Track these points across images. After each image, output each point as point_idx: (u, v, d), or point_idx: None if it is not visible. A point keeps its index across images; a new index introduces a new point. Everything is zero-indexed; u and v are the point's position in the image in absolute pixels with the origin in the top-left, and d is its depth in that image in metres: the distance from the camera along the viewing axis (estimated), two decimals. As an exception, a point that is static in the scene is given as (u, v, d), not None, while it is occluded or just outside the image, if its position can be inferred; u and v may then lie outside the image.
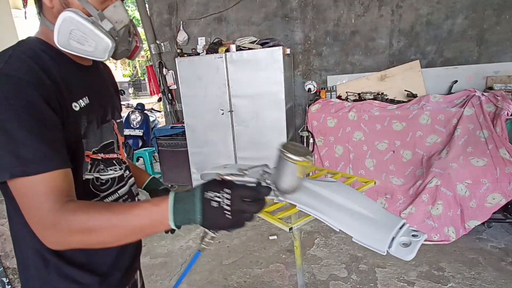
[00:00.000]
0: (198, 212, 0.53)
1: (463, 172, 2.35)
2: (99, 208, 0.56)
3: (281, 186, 0.59)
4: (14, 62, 0.58)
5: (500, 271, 2.07)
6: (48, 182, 0.55)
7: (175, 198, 0.54)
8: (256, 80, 3.21)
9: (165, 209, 0.54)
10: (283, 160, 0.57)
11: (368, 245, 0.67)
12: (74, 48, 0.63)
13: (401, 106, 2.85)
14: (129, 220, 0.54)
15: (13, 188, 0.55)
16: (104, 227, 0.54)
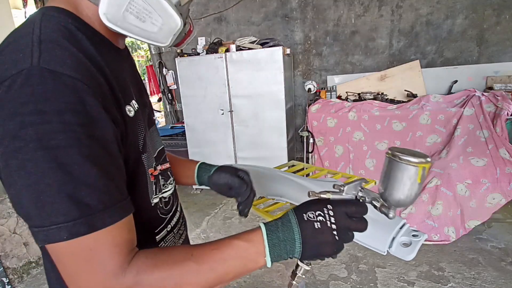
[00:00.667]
0: (297, 238, 0.45)
1: (463, 172, 2.35)
2: (179, 257, 0.43)
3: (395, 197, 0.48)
4: (53, 50, 0.39)
5: (500, 271, 2.07)
6: (114, 235, 0.40)
7: (267, 227, 0.46)
8: (256, 80, 3.21)
9: (259, 243, 0.45)
10: (399, 165, 0.46)
11: (368, 245, 0.67)
12: (128, 26, 0.44)
13: (401, 106, 2.85)
14: (219, 267, 0.44)
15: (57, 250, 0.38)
16: (190, 282, 0.42)
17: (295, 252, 0.45)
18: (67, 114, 0.37)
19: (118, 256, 0.40)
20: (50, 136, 0.36)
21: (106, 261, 0.39)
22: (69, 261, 0.39)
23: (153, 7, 0.44)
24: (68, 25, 0.43)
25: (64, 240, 0.37)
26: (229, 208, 3.30)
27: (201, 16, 4.10)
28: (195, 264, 0.43)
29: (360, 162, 2.97)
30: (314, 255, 0.46)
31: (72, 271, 0.39)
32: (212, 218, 3.13)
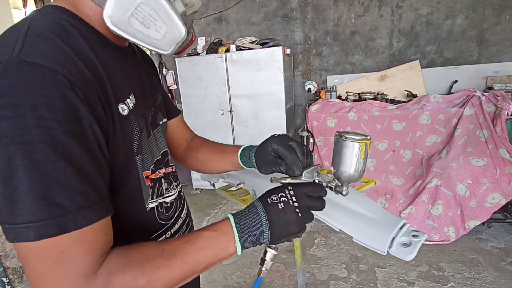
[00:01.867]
0: (264, 220, 0.46)
1: (463, 172, 2.35)
2: (150, 254, 0.43)
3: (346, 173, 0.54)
4: (37, 43, 0.38)
5: (500, 271, 2.07)
6: (88, 238, 0.38)
7: (234, 216, 0.48)
8: (256, 80, 3.21)
9: (229, 231, 0.46)
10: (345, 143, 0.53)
11: (368, 245, 0.67)
12: (132, 31, 0.44)
13: (401, 106, 2.85)
14: (191, 259, 0.44)
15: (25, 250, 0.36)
16: (163, 278, 0.42)
17: (263, 235, 0.47)
18: (43, 109, 0.35)
19: (91, 259, 0.38)
20: (23, 131, 0.34)
21: (77, 264, 0.37)
22: (36, 263, 0.36)
23: (159, 14, 0.44)
24: (61, 21, 0.43)
25: (31, 241, 0.35)
26: (229, 208, 3.30)
27: (201, 16, 4.10)
28: (166, 260, 0.43)
29: (360, 162, 2.97)
30: (281, 236, 0.48)
31: (39, 274, 0.36)
32: (212, 218, 3.13)
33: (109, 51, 0.49)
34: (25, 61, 0.35)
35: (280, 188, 0.50)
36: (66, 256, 0.36)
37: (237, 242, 0.46)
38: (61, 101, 0.36)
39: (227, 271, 2.29)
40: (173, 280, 0.43)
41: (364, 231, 0.68)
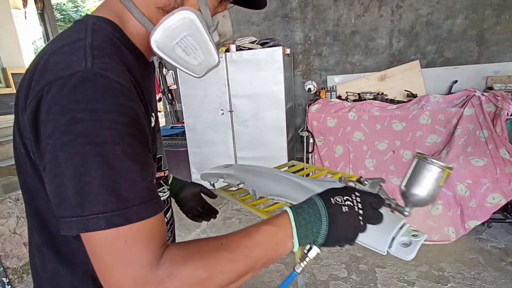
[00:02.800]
0: (324, 219, 0.47)
1: (463, 172, 2.35)
2: (210, 247, 0.44)
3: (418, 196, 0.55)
4: (103, 58, 0.43)
5: (500, 271, 2.07)
6: (151, 229, 0.41)
7: (293, 210, 0.48)
8: (256, 80, 3.21)
9: (287, 226, 0.47)
10: (429, 166, 0.53)
11: (368, 245, 0.67)
12: (174, 56, 0.50)
13: (401, 106, 2.85)
14: (251, 253, 0.45)
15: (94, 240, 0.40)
16: (223, 271, 0.43)
17: (320, 233, 0.47)
18: (114, 114, 0.40)
19: (153, 248, 0.41)
20: (97, 133, 0.38)
21: (141, 253, 0.40)
22: (104, 252, 0.39)
23: (200, 45, 0.51)
24: (113, 37, 0.48)
25: (101, 229, 0.38)
26: (229, 208, 3.30)
27: (201, 16, 4.10)
28: (227, 252, 0.43)
29: (360, 162, 2.97)
30: (338, 239, 0.48)
31: (106, 262, 0.40)
32: (212, 218, 3.13)
33: (143, 66, 0.54)
34: (99, 73, 0.41)
35: (346, 190, 0.51)
36: (130, 245, 0.39)
37: (294, 238, 0.46)
38: (127, 109, 0.42)
39: (227, 271, 2.29)
40: (234, 275, 0.44)
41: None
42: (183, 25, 0.48)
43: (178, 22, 0.47)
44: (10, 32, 3.24)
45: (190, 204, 0.91)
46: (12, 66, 3.05)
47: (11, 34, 3.25)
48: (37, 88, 0.41)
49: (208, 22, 0.52)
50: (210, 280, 0.42)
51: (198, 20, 0.48)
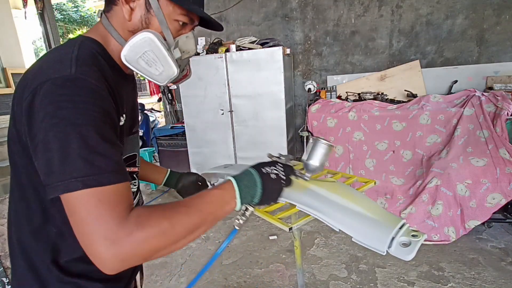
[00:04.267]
0: (259, 185, 0.63)
1: (463, 172, 2.35)
2: (171, 205, 0.56)
3: (312, 165, 0.78)
4: (83, 66, 0.55)
5: (500, 271, 2.07)
6: (119, 193, 0.52)
7: (235, 177, 0.63)
8: (256, 80, 3.21)
9: (231, 189, 0.62)
10: (319, 143, 0.78)
11: (367, 245, 0.67)
12: (139, 67, 0.63)
13: (401, 106, 2.85)
14: (204, 208, 0.58)
15: (73, 199, 0.49)
16: (182, 222, 0.54)
17: (256, 195, 0.63)
18: (90, 104, 0.52)
19: (121, 207, 0.51)
20: (77, 117, 0.50)
21: (112, 210, 0.49)
22: (81, 208, 0.49)
23: (159, 59, 0.63)
24: (96, 53, 0.62)
25: (79, 189, 0.48)
26: (229, 208, 3.30)
27: (201, 16, 4.10)
28: (184, 208, 0.56)
29: (360, 162, 2.97)
30: (268, 199, 0.66)
31: (82, 217, 0.49)
32: (212, 218, 3.13)
33: (120, 76, 0.68)
34: (80, 77, 0.54)
35: (271, 163, 0.69)
36: (103, 203, 0.49)
37: (237, 198, 0.61)
38: (101, 102, 0.54)
39: (227, 271, 2.29)
40: (190, 225, 0.55)
41: (364, 231, 0.68)
42: (144, 43, 0.61)
43: (140, 41, 0.61)
44: (10, 32, 3.24)
45: (189, 192, 1.00)
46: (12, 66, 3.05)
47: (11, 34, 3.25)
48: (32, 86, 0.53)
49: (169, 41, 0.65)
50: (171, 229, 0.52)
51: (156, 39, 0.61)
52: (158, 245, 0.51)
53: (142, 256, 0.51)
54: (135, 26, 0.63)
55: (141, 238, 0.49)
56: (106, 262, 0.49)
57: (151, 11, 0.62)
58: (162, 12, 0.62)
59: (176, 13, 0.64)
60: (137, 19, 0.63)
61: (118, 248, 0.48)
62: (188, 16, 0.67)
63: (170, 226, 0.52)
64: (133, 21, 0.63)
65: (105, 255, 0.48)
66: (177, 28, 0.66)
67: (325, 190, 0.87)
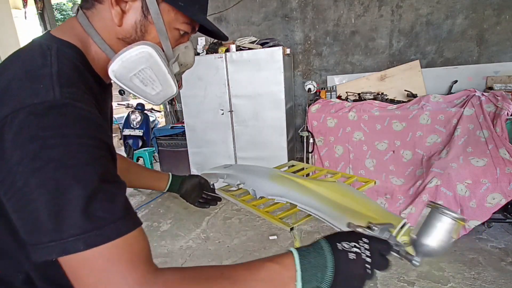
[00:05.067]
0: (330, 265, 0.46)
1: (463, 172, 2.35)
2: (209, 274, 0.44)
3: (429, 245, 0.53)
4: (71, 87, 0.44)
5: (500, 271, 2.07)
6: (131, 244, 0.41)
7: (299, 252, 0.47)
8: (256, 80, 3.21)
9: (291, 266, 0.46)
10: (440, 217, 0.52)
11: None
12: (131, 85, 0.52)
13: (401, 106, 2.85)
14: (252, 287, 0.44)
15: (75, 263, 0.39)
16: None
17: (325, 279, 0.45)
18: (85, 138, 0.41)
19: (138, 266, 0.40)
20: (69, 156, 0.39)
21: (126, 272, 0.39)
22: (87, 274, 0.39)
23: (158, 77, 0.53)
24: (77, 63, 0.49)
25: (81, 251, 0.38)
26: (229, 208, 3.30)
27: (201, 16, 4.10)
28: (227, 282, 0.42)
29: (360, 162, 2.97)
30: (343, 286, 0.46)
31: (90, 285, 0.39)
32: (212, 218, 3.13)
33: (102, 89, 0.57)
34: (69, 103, 0.42)
35: (354, 235, 0.50)
36: (113, 264, 0.39)
37: (298, 281, 0.45)
38: (96, 133, 0.43)
39: (227, 271, 2.29)
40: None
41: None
42: (141, 59, 0.50)
43: (137, 56, 0.50)
44: (10, 32, 3.24)
45: (194, 195, 0.97)
46: (12, 66, 3.05)
47: (11, 34, 3.25)
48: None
49: (169, 54, 0.55)
50: None
51: (156, 54, 0.51)
52: None
53: None
54: (127, 33, 0.52)
55: None
56: None
57: (149, 17, 0.51)
58: (162, 19, 0.51)
59: (178, 22, 0.53)
60: (130, 25, 0.51)
61: None
62: (191, 25, 0.56)
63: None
64: (124, 27, 0.51)
65: None
66: (177, 37, 0.56)
67: (326, 190, 0.87)
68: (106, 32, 0.52)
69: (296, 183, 0.97)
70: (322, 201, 0.83)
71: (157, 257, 2.55)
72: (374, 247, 0.49)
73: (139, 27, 0.51)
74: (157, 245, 2.73)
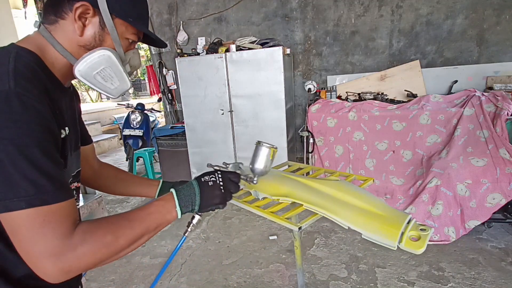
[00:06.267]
0: (197, 193, 0.68)
1: (463, 172, 2.35)
2: (114, 219, 0.59)
3: (257, 168, 0.82)
4: (24, 81, 0.54)
5: (500, 271, 2.07)
6: (64, 210, 0.53)
7: (175, 189, 0.68)
8: (256, 80, 3.21)
9: (171, 199, 0.66)
10: (261, 148, 0.81)
11: (378, 241, 0.68)
12: (94, 82, 0.66)
13: (401, 106, 2.85)
14: (146, 220, 0.62)
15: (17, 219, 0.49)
16: (125, 235, 0.58)
17: (195, 203, 0.68)
18: (32, 123, 0.51)
19: (66, 224, 0.52)
20: (19, 137, 0.50)
21: (56, 228, 0.51)
22: (26, 228, 0.50)
23: (116, 74, 0.67)
24: (34, 65, 0.59)
25: (22, 209, 0.49)
26: (229, 208, 3.30)
27: (201, 16, 4.10)
28: (127, 221, 0.59)
29: (360, 162, 2.97)
30: (208, 205, 0.70)
31: (27, 236, 0.50)
32: (212, 218, 3.13)
33: (58, 89, 0.66)
34: (21, 93, 0.52)
35: (212, 172, 0.73)
36: (48, 222, 0.51)
37: (177, 207, 0.66)
38: (43, 120, 0.53)
39: (227, 271, 2.29)
40: (134, 237, 0.59)
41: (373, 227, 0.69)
42: (102, 60, 0.64)
43: (99, 58, 0.63)
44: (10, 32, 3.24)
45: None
46: (12, 66, 3.05)
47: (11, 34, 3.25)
48: None
49: (122, 57, 0.69)
50: (115, 242, 0.56)
51: (114, 56, 0.65)
52: (101, 258, 0.55)
53: (86, 268, 0.54)
54: (87, 42, 0.64)
55: (85, 253, 0.53)
56: (51, 276, 0.51)
57: (105, 29, 0.64)
58: (116, 31, 0.65)
59: (128, 32, 0.68)
60: (90, 35, 0.64)
61: (63, 263, 0.51)
62: (137, 35, 0.71)
63: (114, 239, 0.56)
64: (85, 37, 0.64)
65: (51, 270, 0.51)
66: (127, 44, 0.70)
67: (331, 189, 0.87)
68: (68, 41, 0.64)
69: (299, 183, 0.97)
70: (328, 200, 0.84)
71: (157, 257, 2.55)
72: (225, 176, 0.73)
73: (97, 36, 0.65)
74: (157, 245, 2.73)
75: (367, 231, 0.70)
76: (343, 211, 0.77)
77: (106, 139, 6.66)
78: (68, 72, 0.66)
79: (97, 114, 7.54)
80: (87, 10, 0.62)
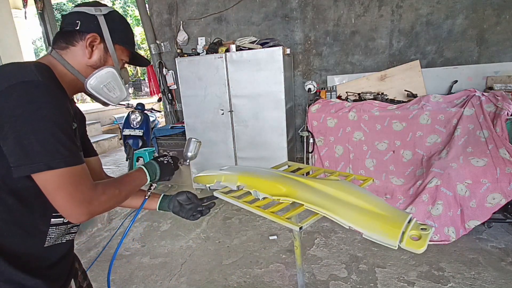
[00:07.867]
0: (157, 168, 0.98)
1: (463, 172, 2.35)
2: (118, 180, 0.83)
3: (188, 154, 1.16)
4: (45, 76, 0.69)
5: (500, 271, 2.07)
6: (86, 170, 0.72)
7: (145, 166, 0.96)
8: (256, 80, 3.21)
9: (143, 171, 0.94)
10: (190, 139, 1.17)
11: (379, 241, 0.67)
12: (101, 92, 0.86)
13: (401, 106, 2.85)
14: (131, 182, 0.88)
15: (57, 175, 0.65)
16: (124, 190, 0.83)
17: (157, 174, 0.97)
18: (60, 108, 0.68)
19: (90, 179, 0.72)
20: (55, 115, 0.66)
21: (87, 182, 0.71)
22: (68, 182, 0.67)
23: (117, 86, 0.88)
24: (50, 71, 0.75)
25: (61, 167, 0.65)
26: (229, 208, 3.30)
27: (201, 16, 4.10)
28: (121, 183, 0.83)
29: (360, 162, 2.97)
30: (165, 174, 1.00)
31: (65, 188, 0.66)
32: (212, 218, 3.13)
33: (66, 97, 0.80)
34: (47, 83, 0.68)
35: (164, 155, 1.06)
36: (80, 177, 0.69)
37: (147, 176, 0.94)
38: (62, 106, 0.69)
39: (227, 271, 2.29)
40: (127, 192, 0.85)
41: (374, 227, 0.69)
42: (108, 75, 0.85)
43: (106, 74, 0.84)
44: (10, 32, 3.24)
45: (185, 211, 1.14)
46: (12, 66, 3.05)
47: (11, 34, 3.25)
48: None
49: (119, 74, 0.88)
50: (119, 194, 0.80)
51: (116, 72, 0.86)
52: (111, 205, 0.78)
53: (103, 211, 0.75)
54: (94, 63, 0.83)
55: (105, 200, 0.74)
56: (82, 218, 0.69)
57: (108, 52, 0.84)
58: (115, 54, 0.86)
59: (124, 55, 0.89)
60: (97, 58, 0.83)
61: (93, 206, 0.71)
62: (129, 57, 0.93)
63: (119, 192, 0.80)
64: (92, 59, 0.83)
65: (83, 213, 0.69)
66: (122, 64, 0.91)
67: (331, 189, 0.87)
68: (77, 63, 0.82)
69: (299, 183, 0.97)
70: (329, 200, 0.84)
71: (157, 256, 2.55)
72: (174, 158, 1.08)
73: (102, 58, 0.84)
74: (157, 245, 2.73)
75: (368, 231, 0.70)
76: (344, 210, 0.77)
77: (106, 139, 6.66)
78: (73, 86, 0.83)
79: (97, 114, 7.55)
80: (96, 39, 0.81)
